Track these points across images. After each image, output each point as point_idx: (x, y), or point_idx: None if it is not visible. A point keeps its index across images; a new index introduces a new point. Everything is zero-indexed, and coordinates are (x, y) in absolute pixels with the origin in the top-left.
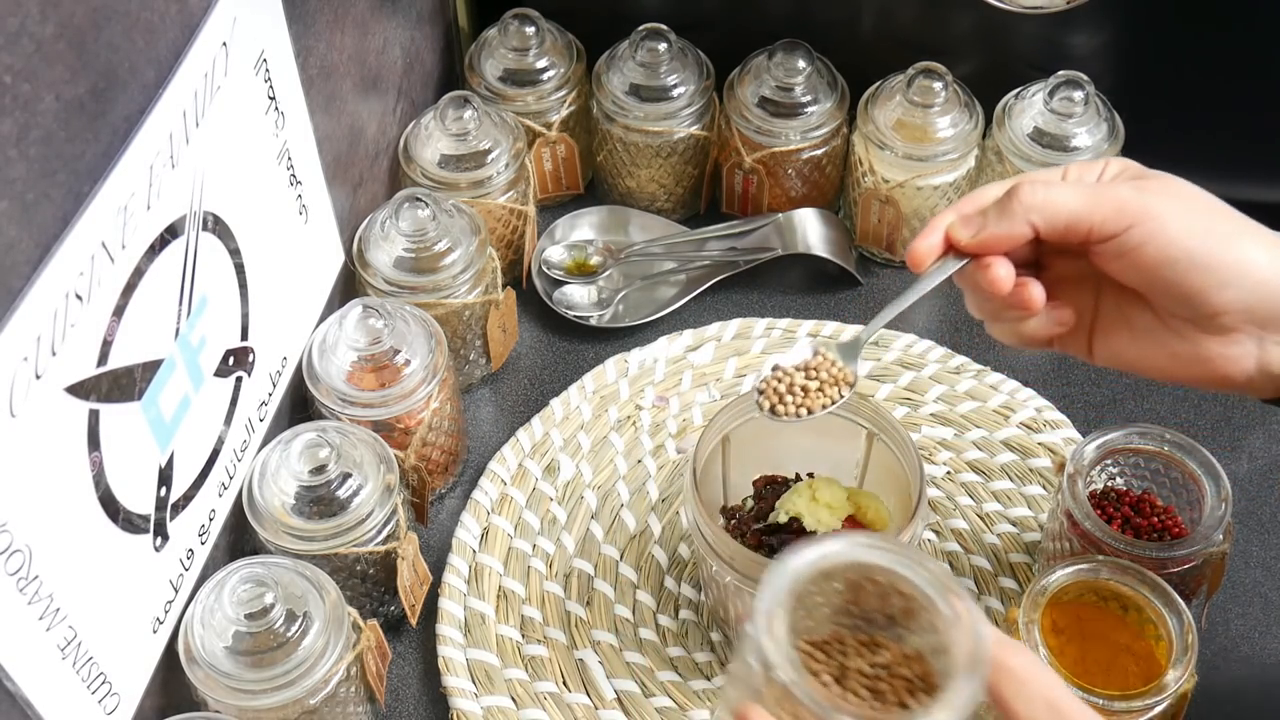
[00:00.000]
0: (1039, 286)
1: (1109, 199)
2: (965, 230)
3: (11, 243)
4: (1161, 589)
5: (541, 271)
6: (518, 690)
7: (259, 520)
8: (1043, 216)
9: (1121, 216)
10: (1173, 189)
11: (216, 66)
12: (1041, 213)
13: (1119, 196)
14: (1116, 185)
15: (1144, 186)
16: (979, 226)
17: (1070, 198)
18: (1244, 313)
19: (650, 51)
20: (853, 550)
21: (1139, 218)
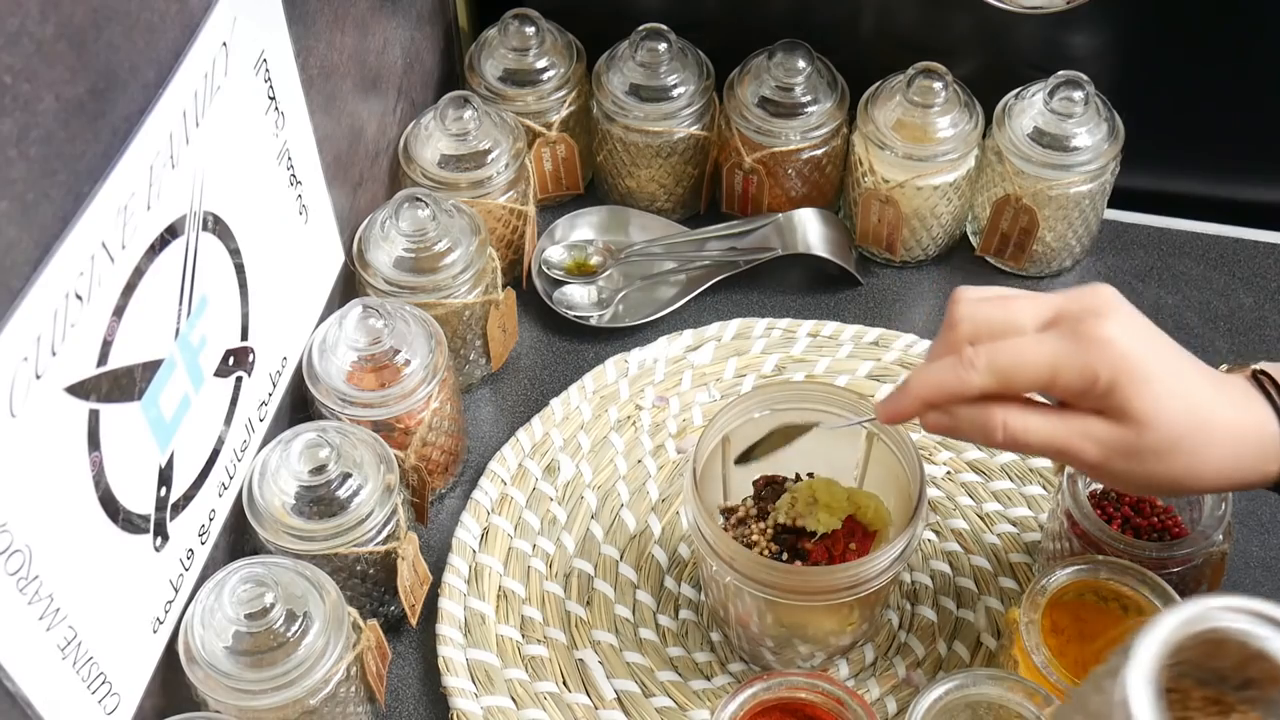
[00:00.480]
0: None
1: (1075, 462)
2: (936, 430)
3: (11, 243)
4: (1161, 589)
5: (541, 271)
6: (518, 690)
7: (259, 520)
8: (1010, 449)
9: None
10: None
11: (216, 66)
12: (1008, 448)
13: (1081, 462)
14: (1080, 446)
15: (1110, 450)
16: (948, 430)
17: (1042, 444)
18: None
19: (650, 51)
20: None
21: (1107, 481)
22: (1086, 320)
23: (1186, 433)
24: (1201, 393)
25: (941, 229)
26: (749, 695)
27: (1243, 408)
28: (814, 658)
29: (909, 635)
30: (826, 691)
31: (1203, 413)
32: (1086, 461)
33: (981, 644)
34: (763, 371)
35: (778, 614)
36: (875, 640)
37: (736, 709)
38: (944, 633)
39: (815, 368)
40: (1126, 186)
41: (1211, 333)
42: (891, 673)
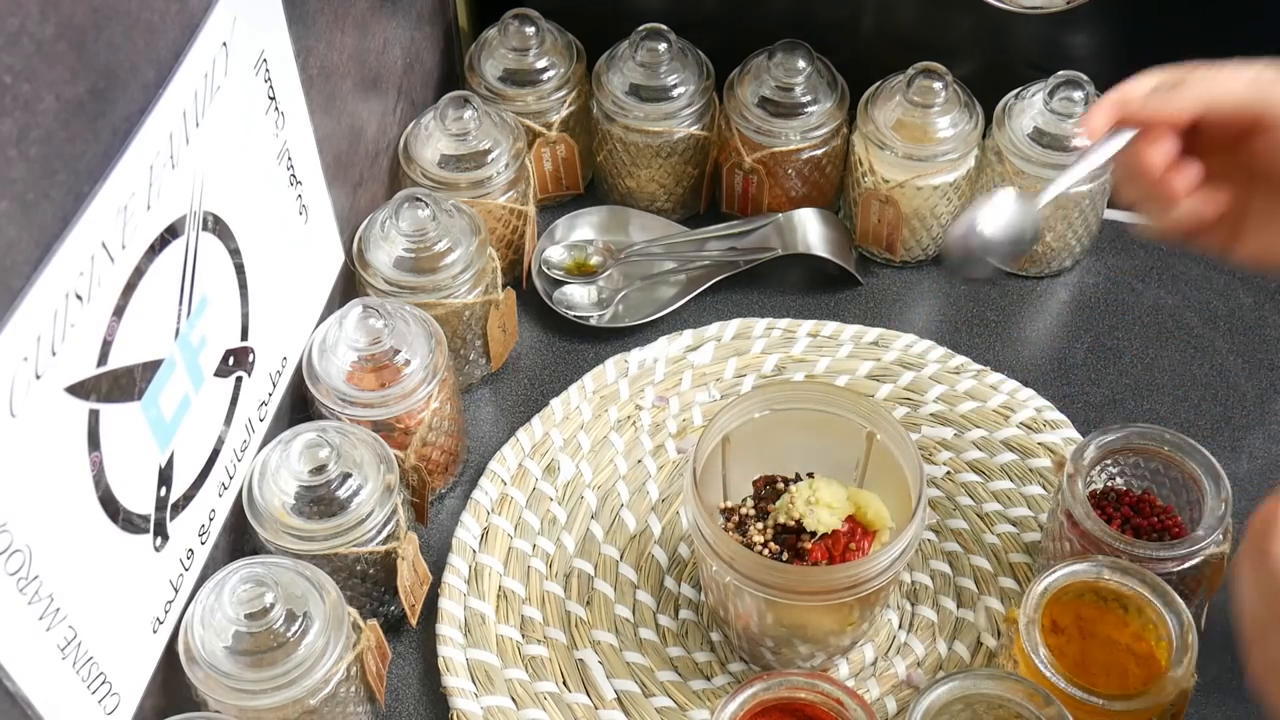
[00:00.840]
0: (1188, 175)
1: (1268, 86)
2: (1130, 89)
3: (11, 243)
4: (1161, 589)
5: (541, 271)
6: (518, 690)
7: (259, 520)
8: (1205, 94)
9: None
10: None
11: (216, 66)
12: (1206, 93)
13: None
14: (1274, 85)
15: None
16: (1144, 96)
17: (1231, 81)
18: None
19: (650, 51)
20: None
21: None
22: None
23: None
24: None
25: (941, 229)
26: (749, 695)
27: None
28: (814, 658)
29: (909, 635)
30: (826, 692)
31: None
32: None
33: (981, 644)
34: (763, 371)
35: (778, 614)
36: (875, 640)
37: (736, 709)
38: (944, 633)
39: (815, 368)
40: None
41: (1211, 333)
42: (891, 673)
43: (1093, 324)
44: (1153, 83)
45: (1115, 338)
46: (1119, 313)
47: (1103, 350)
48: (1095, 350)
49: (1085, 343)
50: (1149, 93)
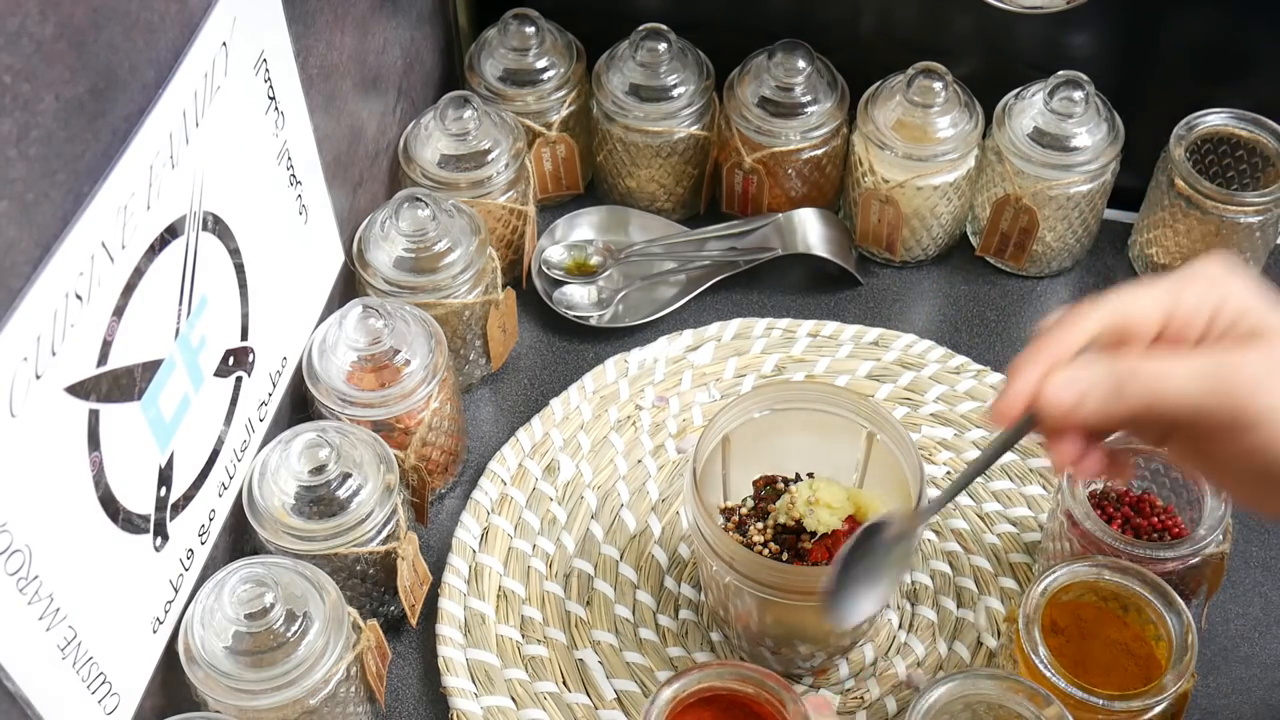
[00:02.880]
0: (1097, 459)
1: (1226, 403)
2: (1057, 409)
3: (11, 243)
4: (1161, 589)
5: (541, 271)
6: (518, 690)
7: (259, 520)
8: (1151, 415)
9: (1238, 423)
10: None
11: (216, 66)
12: (1150, 412)
13: (1238, 402)
14: (1235, 380)
15: (1261, 378)
16: (1071, 406)
17: (1185, 399)
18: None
19: (650, 51)
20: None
21: (1258, 421)
22: (1195, 265)
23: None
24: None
25: (941, 229)
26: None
27: None
28: (814, 658)
29: (909, 635)
30: (770, 690)
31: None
32: (1243, 389)
33: (981, 644)
34: (763, 371)
35: (778, 614)
36: (875, 640)
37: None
38: (944, 633)
39: (815, 368)
40: (1126, 186)
41: None
42: (891, 673)
43: None
44: (1083, 339)
45: None
46: None
47: None
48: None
49: None
50: (1074, 388)
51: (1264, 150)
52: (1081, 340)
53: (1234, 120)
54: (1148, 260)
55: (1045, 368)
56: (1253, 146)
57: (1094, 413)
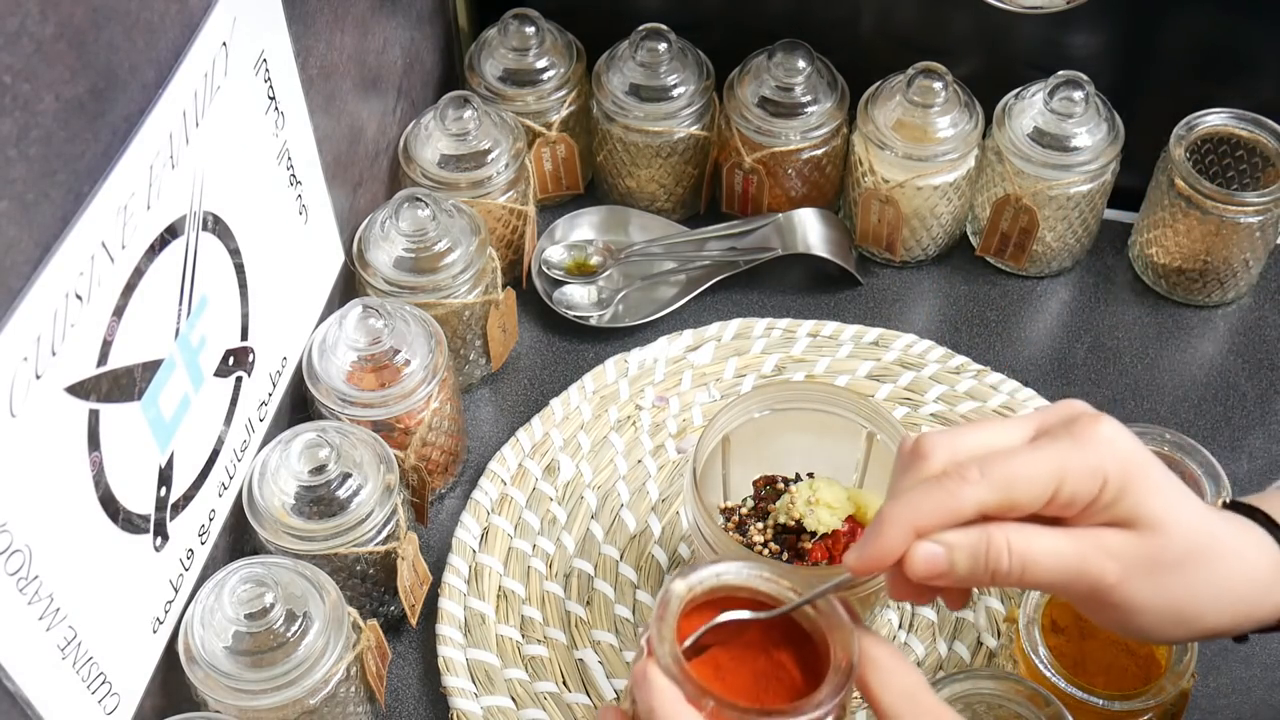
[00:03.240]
0: (930, 596)
1: (1087, 587)
2: (925, 573)
3: (11, 243)
4: None
5: (541, 271)
6: (518, 690)
7: (259, 520)
8: (1018, 587)
9: (1091, 600)
10: (1157, 562)
11: (216, 66)
12: (1017, 584)
13: (1100, 591)
14: (1101, 566)
15: (1128, 569)
16: (942, 571)
17: (1051, 577)
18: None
19: (650, 51)
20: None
21: (1116, 611)
22: (1080, 422)
23: (1202, 542)
24: (1201, 504)
25: (941, 229)
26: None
27: (1238, 527)
28: None
29: (909, 635)
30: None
31: (1212, 522)
32: (1106, 581)
33: (981, 644)
34: (763, 371)
35: None
36: None
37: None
38: (944, 633)
39: (815, 368)
40: (1126, 186)
41: (1211, 332)
42: None
43: (1093, 324)
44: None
45: (1115, 338)
46: (1119, 313)
47: (1103, 350)
48: (1095, 350)
49: (1085, 343)
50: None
51: (1264, 150)
52: (966, 515)
53: (1234, 120)
54: (1148, 260)
55: (918, 530)
56: (1253, 146)
57: (960, 580)
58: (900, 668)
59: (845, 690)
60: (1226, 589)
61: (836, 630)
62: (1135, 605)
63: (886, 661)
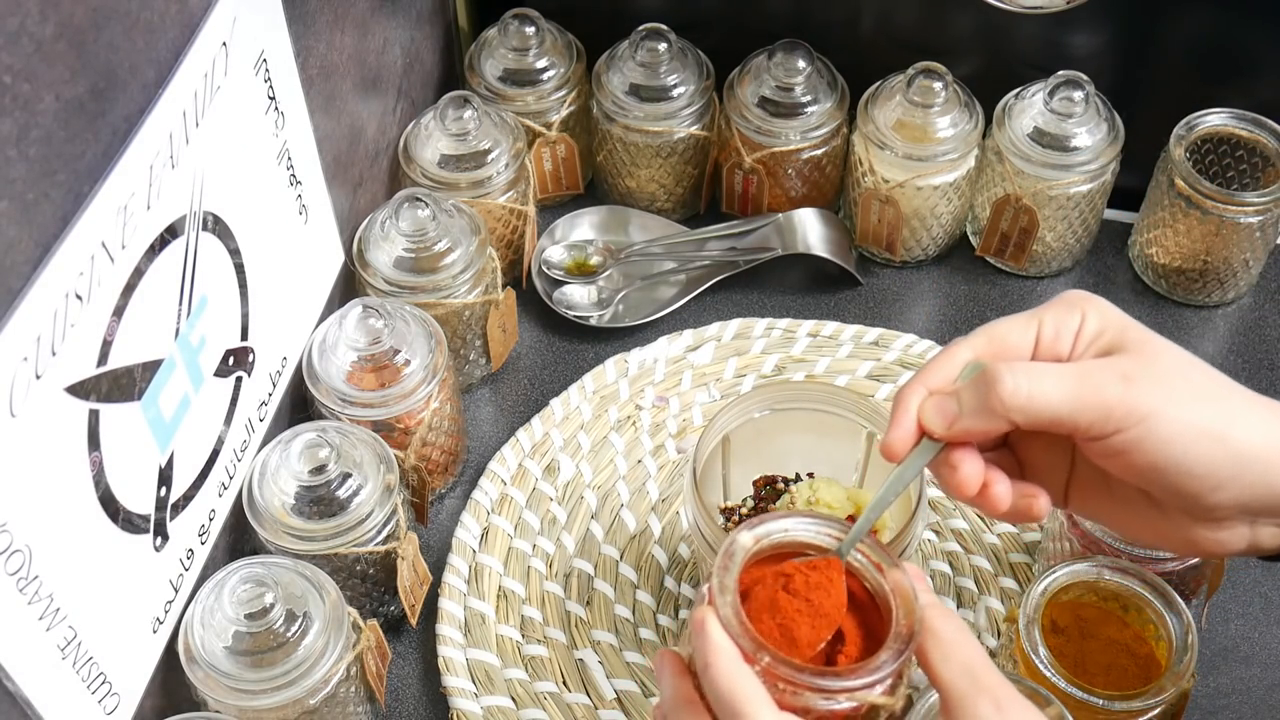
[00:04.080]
0: (1005, 484)
1: (1094, 399)
2: (939, 420)
3: (11, 243)
4: (1161, 589)
5: (541, 271)
6: (518, 690)
7: (259, 520)
8: (1024, 416)
9: (1108, 421)
10: (1159, 374)
11: (216, 66)
12: (1023, 412)
13: (1105, 398)
14: (1102, 377)
15: (1130, 375)
16: (952, 417)
17: (1054, 397)
18: (1237, 506)
19: (650, 51)
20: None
21: (1125, 422)
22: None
23: (1205, 367)
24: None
25: (941, 229)
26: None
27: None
28: None
29: None
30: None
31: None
32: (1111, 394)
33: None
34: (763, 371)
35: None
36: None
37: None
38: None
39: (815, 368)
40: (1126, 186)
41: (1211, 332)
42: None
43: None
44: (959, 364)
45: None
46: None
47: None
48: None
49: None
50: (950, 397)
51: (1264, 150)
52: (959, 367)
53: (1234, 120)
54: (1148, 260)
55: (924, 395)
56: (1253, 146)
57: (972, 420)
58: (962, 640)
59: (904, 658)
60: (1244, 390)
61: (900, 597)
62: (1153, 416)
63: (949, 634)
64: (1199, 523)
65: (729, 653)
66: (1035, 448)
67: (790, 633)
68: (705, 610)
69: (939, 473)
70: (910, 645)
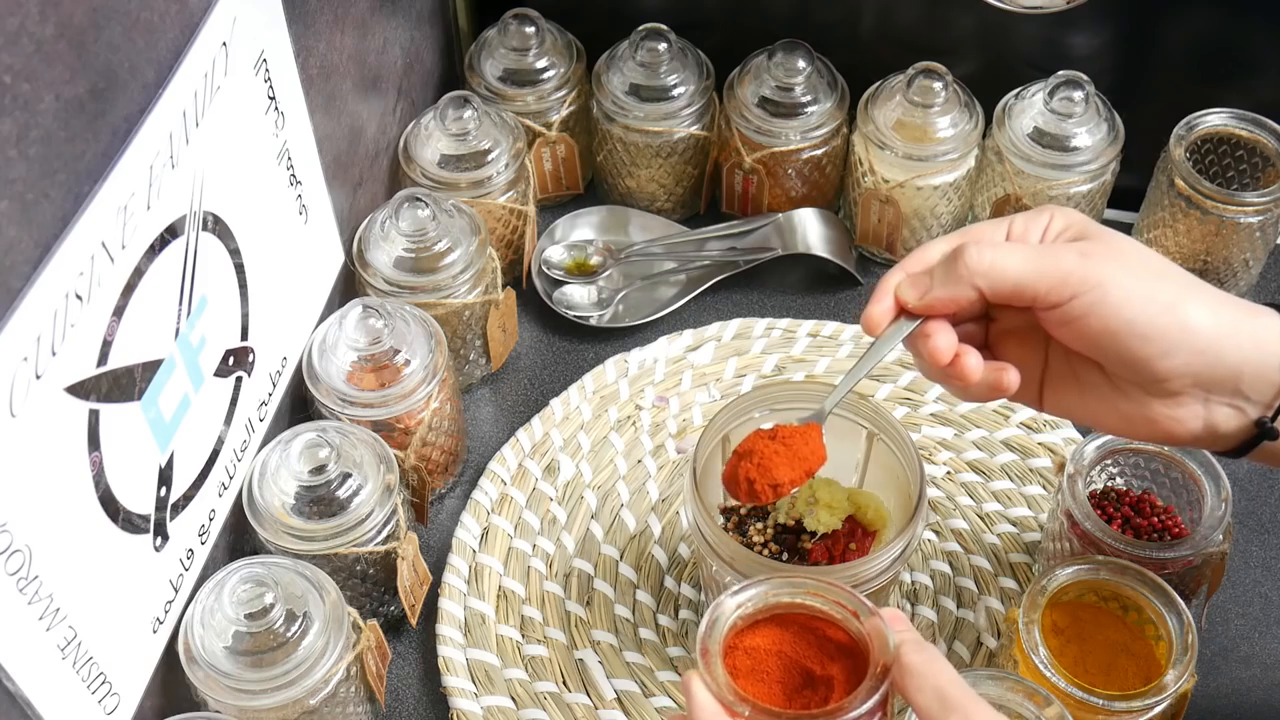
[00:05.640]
0: (976, 357)
1: (1052, 267)
2: (912, 291)
3: (11, 243)
4: (1161, 589)
5: (541, 271)
6: (518, 690)
7: (259, 520)
8: (988, 281)
9: (1064, 286)
10: (1116, 251)
11: (216, 66)
12: (986, 278)
13: (1062, 265)
14: (1061, 250)
15: (1087, 251)
16: (925, 289)
17: (1015, 264)
18: (1188, 377)
19: (650, 51)
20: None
21: (1081, 288)
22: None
23: (1165, 260)
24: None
25: (941, 229)
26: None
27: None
28: None
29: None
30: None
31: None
32: (1068, 262)
33: (981, 644)
34: (763, 371)
35: None
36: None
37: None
38: (944, 633)
39: (815, 368)
40: (1126, 186)
41: None
42: None
43: None
44: (936, 254)
45: None
46: None
47: None
48: None
49: None
50: (924, 274)
51: (1264, 150)
52: (934, 257)
53: (1234, 120)
54: None
55: (906, 271)
56: (1253, 146)
57: (944, 292)
58: (933, 669)
59: (880, 694)
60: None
61: (876, 639)
62: (1107, 282)
63: (921, 665)
64: (1154, 398)
65: (711, 710)
66: (1010, 344)
67: (770, 474)
68: (690, 673)
69: (915, 346)
70: (884, 682)
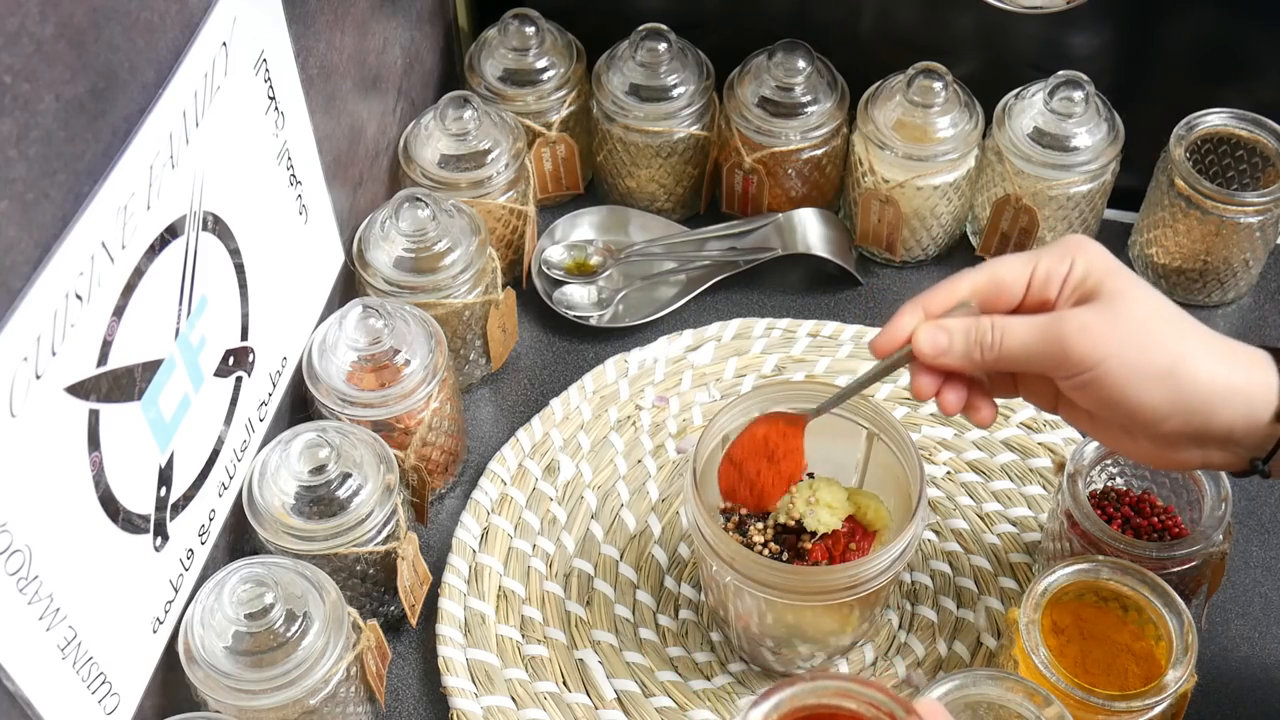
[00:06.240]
0: (956, 394)
1: (1055, 347)
2: (929, 349)
3: (11, 243)
4: (1161, 589)
5: (541, 271)
6: (518, 690)
7: (259, 520)
8: (995, 358)
9: (1065, 366)
10: (1118, 320)
11: (216, 66)
12: (997, 365)
13: (1063, 344)
14: (1065, 325)
15: (1088, 325)
16: (941, 351)
17: (1020, 350)
18: (1184, 434)
19: (650, 51)
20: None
21: (1080, 367)
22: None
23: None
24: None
25: (941, 229)
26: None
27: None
28: (814, 657)
29: (909, 635)
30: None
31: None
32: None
33: (981, 644)
34: (763, 371)
35: (778, 614)
36: (875, 640)
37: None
38: (944, 633)
39: (815, 368)
40: (1126, 186)
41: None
42: (891, 673)
43: None
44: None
45: None
46: None
47: None
48: None
49: None
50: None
51: (1264, 150)
52: (958, 297)
53: (1234, 120)
54: (1148, 260)
55: (922, 315)
56: (1253, 146)
57: (957, 359)
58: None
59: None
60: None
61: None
62: (1106, 360)
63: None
64: (1157, 445)
65: None
66: (1029, 372)
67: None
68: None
69: (912, 375)
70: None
